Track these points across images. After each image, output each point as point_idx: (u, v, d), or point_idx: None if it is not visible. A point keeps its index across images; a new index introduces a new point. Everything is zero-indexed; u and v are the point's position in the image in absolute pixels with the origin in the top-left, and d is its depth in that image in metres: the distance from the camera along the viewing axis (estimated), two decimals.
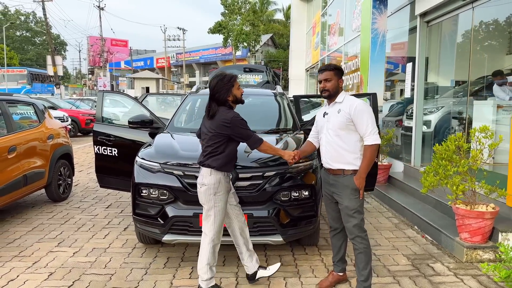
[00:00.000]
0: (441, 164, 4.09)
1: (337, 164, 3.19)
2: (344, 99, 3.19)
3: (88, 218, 5.50)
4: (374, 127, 3.09)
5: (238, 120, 3.22)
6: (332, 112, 3.22)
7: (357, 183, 3.12)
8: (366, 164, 3.09)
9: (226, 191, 3.27)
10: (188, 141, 4.22)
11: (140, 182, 3.86)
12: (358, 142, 3.16)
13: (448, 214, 4.91)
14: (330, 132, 3.19)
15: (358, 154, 3.16)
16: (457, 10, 5.94)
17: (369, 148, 3.07)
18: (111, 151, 5.19)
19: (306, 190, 3.85)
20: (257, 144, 3.28)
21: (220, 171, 3.24)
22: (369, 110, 3.12)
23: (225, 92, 3.25)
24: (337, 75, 3.22)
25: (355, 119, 3.07)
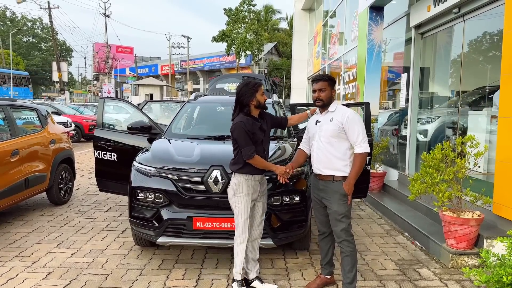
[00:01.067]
0: (428, 172, 4.21)
1: (327, 170, 3.32)
2: (337, 109, 3.34)
3: (87, 221, 5.64)
4: (364, 136, 3.23)
5: (240, 127, 3.37)
6: (325, 120, 3.36)
7: (346, 189, 3.24)
8: (355, 171, 3.22)
9: (247, 192, 3.41)
10: (184, 147, 4.37)
11: (137, 186, 4.01)
12: (348, 150, 3.29)
13: (438, 221, 5.00)
14: (322, 139, 3.33)
15: (347, 161, 3.29)
16: (450, 22, 6.10)
17: (359, 156, 3.22)
18: (110, 156, 5.35)
19: (297, 195, 3.99)
20: (247, 157, 3.36)
21: (240, 174, 3.43)
22: (360, 120, 3.28)
23: (249, 96, 3.42)
24: (331, 85, 3.38)
25: (347, 128, 3.22)
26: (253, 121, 3.45)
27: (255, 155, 3.37)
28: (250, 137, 3.37)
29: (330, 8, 14.82)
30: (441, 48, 7.17)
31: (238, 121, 3.40)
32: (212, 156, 4.08)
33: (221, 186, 3.79)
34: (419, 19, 6.68)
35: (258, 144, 3.43)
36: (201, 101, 5.67)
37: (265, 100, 3.52)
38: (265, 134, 3.52)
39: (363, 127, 3.27)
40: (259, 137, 3.44)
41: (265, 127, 3.52)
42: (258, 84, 3.49)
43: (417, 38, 6.97)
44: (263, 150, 3.49)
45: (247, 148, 3.35)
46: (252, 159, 3.37)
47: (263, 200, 3.58)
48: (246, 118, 3.42)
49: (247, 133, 3.36)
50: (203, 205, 3.85)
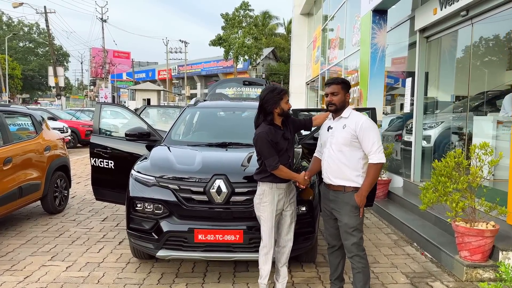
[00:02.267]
0: (440, 180, 4.03)
1: (338, 180, 3.14)
2: (350, 115, 3.15)
3: (83, 231, 5.43)
4: (380, 146, 3.04)
5: (262, 137, 3.24)
6: (337, 126, 3.17)
7: (357, 201, 3.06)
8: (368, 182, 3.04)
9: (271, 201, 3.30)
10: (185, 155, 4.18)
11: (135, 196, 3.81)
12: (361, 159, 3.10)
13: (448, 231, 4.84)
14: (333, 147, 3.14)
15: (360, 172, 3.11)
16: (457, 26, 5.94)
17: (374, 166, 3.02)
18: (107, 163, 5.15)
19: (304, 205, 3.80)
20: (271, 168, 3.23)
21: (264, 183, 3.32)
22: (375, 128, 3.09)
23: (273, 103, 3.28)
24: (344, 89, 3.17)
25: (361, 136, 3.03)
26: (275, 130, 3.31)
27: (280, 165, 3.24)
28: (274, 147, 3.25)
29: (329, 12, 14.70)
30: (447, 52, 7.02)
31: (261, 131, 3.27)
32: (214, 164, 3.88)
33: (224, 197, 3.60)
34: (424, 23, 6.52)
35: (282, 153, 3.31)
36: (201, 107, 5.48)
37: (289, 108, 3.39)
38: (289, 142, 3.38)
39: (378, 136, 3.08)
40: (282, 146, 3.31)
41: (288, 135, 3.38)
42: (284, 91, 3.37)
43: (422, 42, 6.81)
44: (287, 158, 3.36)
45: (271, 159, 3.23)
46: (277, 170, 3.24)
47: (290, 209, 3.43)
48: (268, 127, 3.29)
49: (270, 143, 3.23)
50: (205, 217, 3.65)
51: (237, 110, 5.51)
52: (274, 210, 3.31)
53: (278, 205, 3.33)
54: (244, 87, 7.15)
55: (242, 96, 6.93)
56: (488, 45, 6.10)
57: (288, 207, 3.41)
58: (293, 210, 3.46)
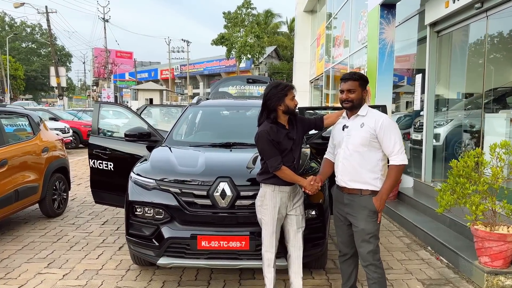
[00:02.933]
0: (459, 181, 3.79)
1: (354, 183, 2.91)
2: (369, 113, 2.92)
3: (82, 236, 5.22)
4: (401, 146, 2.81)
5: (263, 136, 3.03)
6: (354, 125, 2.94)
7: (376, 205, 2.84)
8: (389, 185, 2.82)
9: (274, 205, 3.09)
10: (187, 156, 3.96)
11: (134, 200, 3.59)
12: (380, 161, 2.88)
13: (464, 234, 4.61)
14: (350, 148, 2.90)
15: (378, 174, 2.88)
16: (470, 19, 5.69)
17: (395, 168, 2.80)
18: (106, 165, 4.95)
19: (313, 209, 3.57)
20: (273, 169, 3.02)
21: (265, 184, 3.11)
22: (396, 127, 2.86)
23: (276, 100, 3.06)
24: (362, 86, 2.93)
25: (381, 135, 2.81)
26: (278, 129, 3.08)
27: (282, 166, 3.01)
28: (276, 147, 3.02)
29: (333, 9, 14.44)
30: (459, 47, 6.77)
31: (261, 130, 3.06)
32: (218, 166, 3.66)
33: (228, 200, 3.38)
34: (435, 16, 6.27)
35: (286, 153, 3.07)
36: (204, 105, 5.25)
37: (296, 105, 3.14)
38: (294, 142, 3.13)
39: (400, 135, 2.84)
40: (286, 146, 3.07)
41: (293, 134, 3.14)
42: (289, 86, 3.13)
43: (432, 36, 6.56)
44: (292, 159, 3.11)
45: (273, 159, 3.00)
46: (278, 171, 3.01)
47: (296, 213, 3.19)
48: (270, 126, 3.06)
49: (272, 142, 3.00)
50: (209, 222, 3.43)
51: (241, 109, 5.29)
52: (276, 214, 3.09)
53: (280, 210, 3.11)
54: (247, 85, 6.93)
55: (246, 95, 6.71)
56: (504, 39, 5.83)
57: (293, 212, 3.17)
58: (300, 216, 3.21)
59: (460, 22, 5.91)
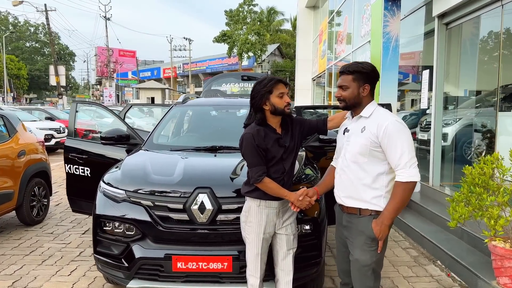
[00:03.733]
0: (474, 191, 3.31)
1: (350, 201, 2.39)
2: (373, 114, 2.35)
3: (58, 247, 4.78)
4: (411, 157, 2.22)
5: (246, 141, 2.56)
6: (355, 129, 2.40)
7: (375, 230, 2.28)
8: (393, 207, 2.23)
9: (259, 223, 2.61)
10: (164, 162, 3.51)
11: (102, 214, 3.14)
12: (384, 175, 2.31)
13: (478, 247, 4.13)
14: (348, 157, 2.38)
15: (382, 192, 2.31)
16: (483, 9, 5.19)
17: (402, 186, 2.21)
18: (83, 170, 4.52)
19: (307, 223, 3.10)
20: (253, 180, 2.55)
21: (250, 198, 2.63)
22: (406, 132, 2.27)
23: (259, 99, 2.58)
24: (357, 80, 2.34)
25: (385, 144, 2.24)
26: (267, 133, 2.58)
27: (264, 178, 2.53)
28: (261, 154, 2.53)
29: (336, 3, 13.94)
30: (469, 41, 6.28)
31: (246, 133, 2.58)
32: (198, 174, 3.19)
33: (208, 215, 2.91)
34: (444, 7, 5.78)
35: (275, 163, 2.58)
36: (190, 105, 4.79)
37: (287, 103, 2.60)
38: (286, 149, 2.62)
39: (410, 143, 2.24)
40: (274, 154, 2.57)
41: (286, 140, 2.63)
42: (273, 81, 2.58)
43: (441, 29, 6.06)
44: (282, 170, 2.60)
45: (255, 169, 2.53)
46: (260, 183, 2.53)
47: (287, 233, 2.70)
48: (257, 129, 2.57)
49: (256, 148, 2.52)
50: (186, 240, 2.97)
51: (232, 108, 4.82)
52: (261, 233, 2.62)
53: (267, 228, 2.63)
54: (242, 83, 6.48)
55: (240, 93, 6.26)
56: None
57: (283, 231, 2.69)
58: (291, 236, 2.72)
59: (472, 12, 5.41)
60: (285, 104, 2.60)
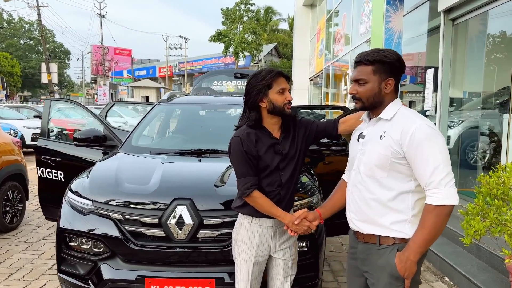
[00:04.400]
0: (492, 204, 2.91)
1: (366, 226, 1.89)
2: (396, 116, 1.84)
3: (30, 259, 4.35)
4: (448, 173, 1.71)
5: (234, 146, 2.14)
6: (372, 134, 1.89)
7: (399, 267, 1.77)
8: (423, 237, 1.72)
9: (250, 243, 2.20)
10: (140, 168, 3.10)
11: (65, 228, 2.73)
12: (409, 194, 1.80)
13: (491, 264, 3.75)
14: (362, 170, 1.89)
15: (407, 216, 1.81)
16: (494, 2, 4.81)
17: (435, 210, 1.69)
18: (56, 174, 4.11)
19: (303, 241, 2.71)
20: (240, 193, 2.15)
21: (241, 214, 2.21)
22: (439, 140, 1.75)
23: (256, 94, 2.15)
24: (379, 73, 1.83)
25: (412, 155, 1.74)
26: (259, 137, 2.16)
27: (253, 192, 2.10)
28: (250, 163, 2.11)
29: (334, 1, 13.56)
30: (478, 37, 5.90)
31: (233, 137, 2.16)
32: (177, 183, 2.79)
33: (188, 231, 2.51)
34: (451, 2, 5.38)
35: (269, 173, 2.15)
36: (175, 103, 4.37)
37: (288, 101, 2.15)
38: (284, 157, 2.18)
39: (445, 154, 1.74)
40: (268, 163, 2.14)
41: (285, 147, 2.19)
42: (275, 73, 2.14)
43: (447, 25, 5.68)
44: (278, 183, 2.17)
45: (242, 180, 2.12)
46: (248, 198, 2.11)
47: (284, 257, 2.26)
48: (247, 132, 2.15)
49: (245, 156, 2.10)
50: (162, 260, 2.57)
51: (221, 107, 4.42)
52: (252, 256, 2.19)
53: (259, 250, 2.20)
54: (235, 80, 6.08)
55: (237, 92, 5.86)
56: None
57: (280, 254, 2.25)
58: (290, 261, 2.28)
59: (481, 7, 5.02)
60: (286, 102, 2.15)
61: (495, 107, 5.89)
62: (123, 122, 15.52)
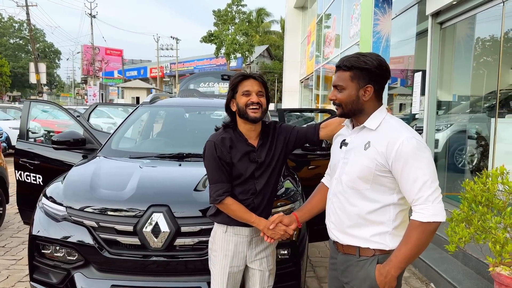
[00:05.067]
0: (477, 210, 2.87)
1: (345, 237, 1.81)
2: (382, 125, 1.75)
3: (7, 264, 4.23)
4: (435, 189, 1.64)
5: (207, 149, 2.08)
6: (356, 143, 1.80)
7: (379, 281, 1.70)
8: (406, 253, 1.64)
9: (225, 253, 2.12)
10: (117, 173, 3.01)
11: (38, 236, 2.63)
12: (392, 207, 1.73)
13: (477, 270, 3.71)
14: (344, 180, 1.80)
15: (388, 228, 1.73)
16: (482, 6, 4.79)
17: (421, 227, 1.62)
18: (35, 178, 4.00)
19: (284, 248, 2.63)
20: (211, 200, 2.07)
21: (216, 222, 2.13)
22: (427, 155, 1.67)
23: (228, 99, 2.13)
24: (357, 79, 1.74)
25: (399, 169, 1.66)
26: (234, 143, 2.08)
27: (226, 198, 2.02)
28: (223, 169, 2.03)
29: (324, 3, 13.56)
30: (465, 41, 5.90)
31: (208, 141, 2.09)
32: (154, 188, 2.70)
33: (164, 239, 2.42)
34: (438, 5, 5.37)
35: (243, 181, 2.07)
36: (158, 105, 4.27)
37: (251, 102, 2.03)
38: (260, 166, 2.09)
39: (432, 169, 1.67)
40: (242, 171, 2.06)
41: (261, 154, 2.10)
42: (240, 76, 2.07)
43: (435, 28, 5.67)
44: (253, 191, 2.08)
45: (214, 186, 2.04)
46: (220, 205, 2.03)
47: (261, 268, 2.16)
48: (222, 136, 2.08)
49: (218, 161, 2.03)
50: (137, 269, 2.48)
51: (206, 110, 4.34)
52: (227, 266, 2.10)
53: (234, 260, 2.11)
54: (222, 82, 5.99)
55: (220, 93, 5.78)
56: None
57: (256, 265, 2.16)
58: (266, 272, 2.18)
59: (469, 10, 5.01)
60: (248, 103, 2.03)
61: (483, 110, 5.88)
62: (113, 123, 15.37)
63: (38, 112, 18.45)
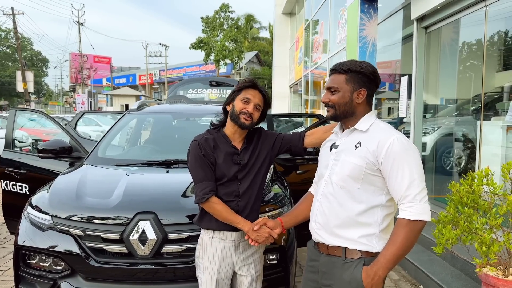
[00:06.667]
0: (464, 212, 2.90)
1: (332, 238, 1.82)
2: (372, 127, 1.82)
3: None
4: (422, 188, 1.70)
5: (192, 149, 2.10)
6: (346, 145, 1.85)
7: (366, 283, 1.70)
8: (394, 253, 1.67)
9: (212, 258, 2.12)
10: (103, 181, 2.98)
11: (23, 245, 2.60)
12: (379, 208, 1.78)
13: (465, 271, 3.75)
14: (334, 180, 1.83)
15: (375, 229, 1.77)
16: (466, 10, 4.87)
17: (408, 225, 1.66)
18: (20, 187, 3.95)
19: (272, 253, 2.63)
20: (197, 199, 2.06)
21: (202, 229, 2.14)
22: (415, 155, 1.74)
23: (228, 100, 2.19)
24: (352, 82, 1.81)
25: (388, 167, 1.71)
26: (217, 144, 2.11)
27: (212, 197, 2.02)
28: (210, 168, 2.05)
29: (312, 10, 13.68)
30: (450, 45, 5.98)
31: (192, 141, 2.12)
32: (141, 196, 2.69)
33: (151, 246, 2.41)
34: (423, 10, 5.45)
35: (225, 182, 2.08)
36: (145, 112, 4.25)
37: (246, 111, 2.08)
38: (243, 168, 2.12)
39: (420, 170, 1.73)
40: (225, 172, 2.08)
41: (244, 157, 2.13)
42: (247, 83, 2.13)
43: (420, 33, 5.74)
44: (236, 193, 2.10)
45: (200, 184, 2.04)
46: (205, 203, 2.04)
47: (249, 273, 2.16)
48: (206, 136, 2.12)
49: (203, 160, 2.04)
50: (125, 277, 2.46)
51: (193, 116, 4.33)
52: (215, 273, 2.10)
53: (222, 266, 2.11)
54: (210, 89, 6.00)
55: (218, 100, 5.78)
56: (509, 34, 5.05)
57: (244, 271, 2.16)
58: (254, 277, 2.18)
59: (453, 14, 5.09)
60: (243, 111, 2.08)
61: (469, 113, 5.96)
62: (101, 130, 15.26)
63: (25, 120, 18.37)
